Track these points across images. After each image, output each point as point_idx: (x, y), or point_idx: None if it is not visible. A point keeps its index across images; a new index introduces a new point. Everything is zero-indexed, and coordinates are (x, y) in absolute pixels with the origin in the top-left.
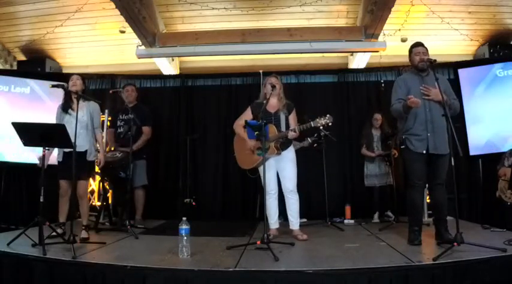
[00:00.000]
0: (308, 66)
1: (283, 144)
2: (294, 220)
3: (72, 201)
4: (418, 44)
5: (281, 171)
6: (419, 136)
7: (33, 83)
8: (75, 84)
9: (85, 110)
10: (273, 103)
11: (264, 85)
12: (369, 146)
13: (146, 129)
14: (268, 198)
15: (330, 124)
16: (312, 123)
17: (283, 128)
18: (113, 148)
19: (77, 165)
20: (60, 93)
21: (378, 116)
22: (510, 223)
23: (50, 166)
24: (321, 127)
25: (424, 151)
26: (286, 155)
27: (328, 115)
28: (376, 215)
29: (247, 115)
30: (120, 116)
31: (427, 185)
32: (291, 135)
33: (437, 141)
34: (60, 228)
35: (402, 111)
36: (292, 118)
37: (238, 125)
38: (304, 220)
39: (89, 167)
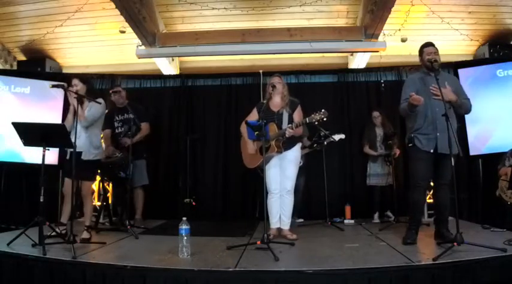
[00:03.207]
0: (308, 66)
1: (285, 143)
2: (286, 220)
3: (72, 201)
4: (429, 44)
5: (282, 170)
6: (428, 135)
7: (33, 83)
8: (76, 86)
9: (86, 111)
10: (276, 102)
11: (268, 86)
12: (372, 145)
13: (144, 125)
14: (271, 197)
15: (324, 119)
16: (307, 119)
17: (284, 126)
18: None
19: (77, 166)
20: (60, 92)
21: (376, 114)
22: (510, 223)
23: (50, 166)
24: (316, 123)
25: (432, 150)
26: (289, 155)
27: (323, 110)
28: (376, 216)
29: (253, 115)
30: (117, 117)
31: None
32: (289, 132)
33: (445, 140)
34: (58, 229)
35: (407, 109)
36: (297, 115)
37: (243, 126)
38: (301, 220)
39: (91, 167)
